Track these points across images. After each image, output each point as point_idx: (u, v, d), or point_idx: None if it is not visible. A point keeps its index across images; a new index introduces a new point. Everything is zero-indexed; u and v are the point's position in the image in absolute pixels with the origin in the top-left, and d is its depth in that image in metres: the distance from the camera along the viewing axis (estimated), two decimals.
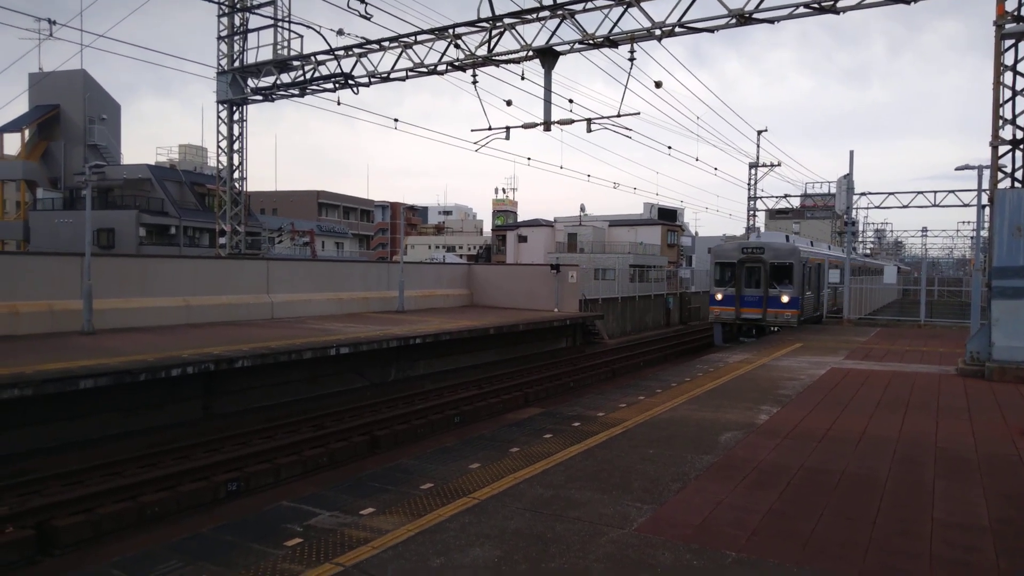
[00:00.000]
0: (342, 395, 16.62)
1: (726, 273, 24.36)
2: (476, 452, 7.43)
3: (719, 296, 24.31)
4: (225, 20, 25.04)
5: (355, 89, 22.30)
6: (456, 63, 19.90)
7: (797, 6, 15.93)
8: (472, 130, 20.27)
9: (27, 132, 46.30)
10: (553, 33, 18.41)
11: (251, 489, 10.43)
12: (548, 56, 18.83)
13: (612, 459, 7.16)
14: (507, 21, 18.78)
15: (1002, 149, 14.26)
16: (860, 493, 6.21)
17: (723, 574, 4.52)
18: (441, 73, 20.50)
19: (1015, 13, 13.55)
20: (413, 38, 20.27)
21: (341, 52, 21.82)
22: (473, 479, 6.46)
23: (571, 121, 19.84)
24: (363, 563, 4.62)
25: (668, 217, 64.91)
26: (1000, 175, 14.39)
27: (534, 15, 18.45)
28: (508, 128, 20.33)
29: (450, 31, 19.65)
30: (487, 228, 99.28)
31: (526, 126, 20.20)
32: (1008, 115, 14.10)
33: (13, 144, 47.71)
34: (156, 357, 12.32)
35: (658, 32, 17.39)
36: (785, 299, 22.94)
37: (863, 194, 39.79)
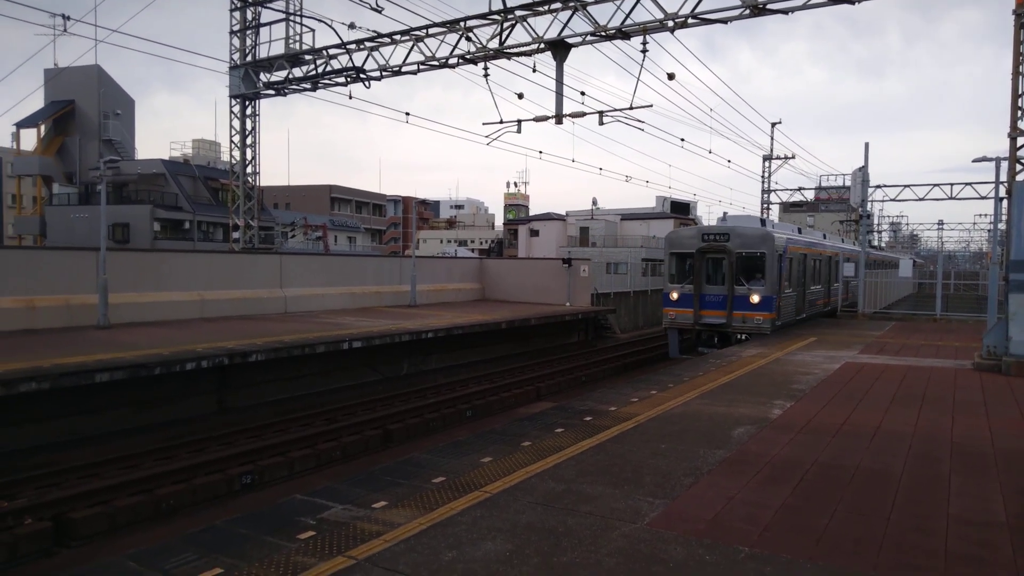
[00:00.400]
0: (355, 389, 16.69)
1: (683, 266, 20.16)
2: (488, 446, 7.44)
3: (674, 295, 20.00)
4: (237, 15, 25.13)
5: (366, 83, 22.31)
6: (467, 56, 19.86)
7: None
8: (484, 123, 20.28)
9: (43, 128, 46.70)
10: (565, 25, 18.34)
11: (265, 482, 10.50)
12: (560, 48, 18.75)
13: (624, 453, 7.14)
14: (519, 13, 18.71)
15: (1020, 140, 14.08)
16: (874, 488, 6.16)
17: (735, 569, 4.50)
18: (452, 66, 20.48)
19: None
20: (424, 31, 20.25)
21: (352, 46, 21.84)
22: (485, 473, 6.47)
23: (583, 114, 19.77)
24: (375, 556, 4.64)
25: (681, 210, 64.59)
26: (1018, 167, 14.22)
27: (546, 7, 18.37)
28: (520, 121, 20.29)
29: (461, 24, 19.61)
30: (499, 222, 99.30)
31: (538, 119, 20.14)
32: None
33: (29, 140, 48.19)
34: (171, 351, 12.42)
35: (671, 23, 17.27)
36: (755, 299, 18.68)
37: (878, 187, 39.46)
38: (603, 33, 18.04)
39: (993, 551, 4.88)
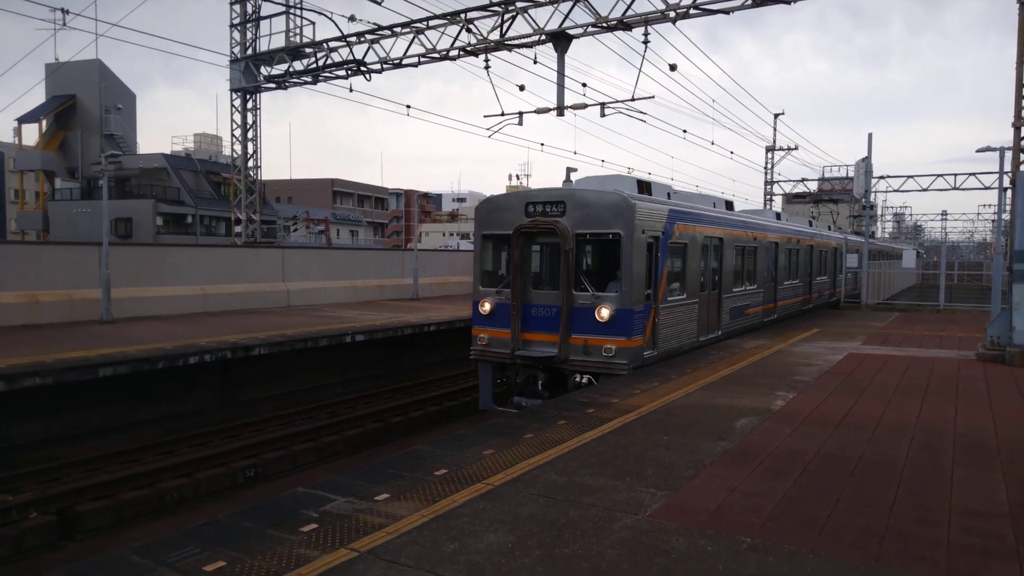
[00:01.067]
0: (357, 382, 16.72)
1: (501, 258, 12.50)
2: (490, 438, 7.44)
3: (486, 306, 12.14)
4: (237, 8, 25.04)
5: (367, 76, 22.26)
6: (468, 48, 19.79)
7: None
8: (485, 116, 20.19)
9: (45, 122, 46.70)
10: (566, 16, 18.26)
11: (268, 476, 10.55)
12: (561, 40, 18.67)
13: (626, 445, 7.14)
14: (520, 5, 18.63)
15: None
16: (877, 479, 6.16)
17: (738, 560, 4.50)
18: (453, 58, 20.41)
19: None
20: (425, 23, 20.18)
21: (353, 38, 21.77)
22: (487, 465, 6.47)
23: (584, 106, 19.69)
24: (378, 548, 4.65)
25: None
26: (1022, 156, 14.15)
27: None
28: (521, 113, 20.22)
29: (462, 15, 19.54)
30: None
31: (539, 111, 20.08)
32: None
33: (31, 135, 48.22)
34: (174, 345, 12.45)
35: (672, 14, 17.19)
36: (604, 313, 11.09)
37: (882, 177, 39.37)
38: (604, 24, 17.96)
39: (996, 541, 4.88)
